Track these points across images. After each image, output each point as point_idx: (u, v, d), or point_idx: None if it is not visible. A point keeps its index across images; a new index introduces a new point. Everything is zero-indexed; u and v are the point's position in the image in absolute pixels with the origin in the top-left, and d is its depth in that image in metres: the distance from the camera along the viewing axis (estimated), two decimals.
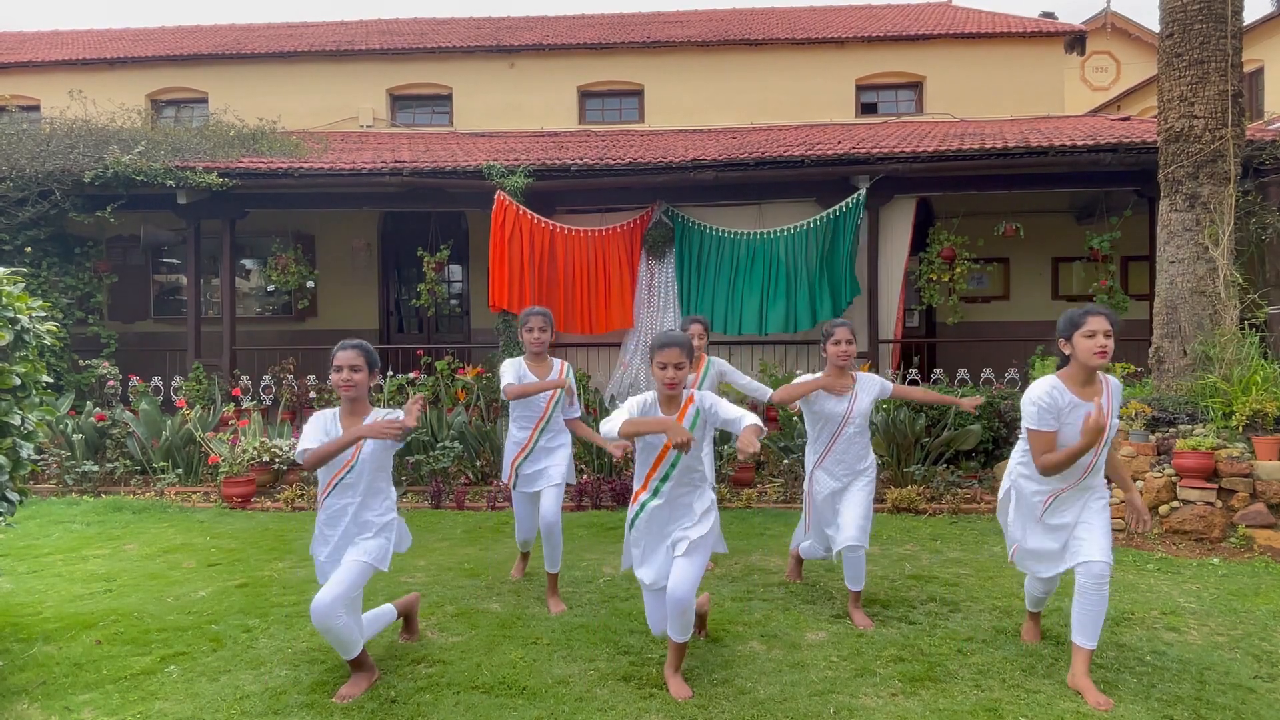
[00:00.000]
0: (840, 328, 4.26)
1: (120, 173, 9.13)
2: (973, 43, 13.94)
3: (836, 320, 4.38)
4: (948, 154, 8.96)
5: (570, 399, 4.69)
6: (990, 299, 11.59)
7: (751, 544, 5.77)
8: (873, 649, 3.79)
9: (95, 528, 6.43)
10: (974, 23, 14.55)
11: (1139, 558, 5.43)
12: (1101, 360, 3.30)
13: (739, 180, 9.32)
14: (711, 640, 3.91)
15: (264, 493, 7.61)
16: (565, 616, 4.25)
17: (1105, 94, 17.86)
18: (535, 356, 4.59)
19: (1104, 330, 3.30)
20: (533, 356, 4.59)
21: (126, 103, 12.56)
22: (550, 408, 4.57)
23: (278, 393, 9.48)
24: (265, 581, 4.93)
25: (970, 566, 5.19)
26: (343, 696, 3.29)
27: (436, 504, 7.25)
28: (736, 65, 14.09)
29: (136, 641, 3.92)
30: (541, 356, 4.61)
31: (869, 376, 4.38)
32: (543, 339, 4.55)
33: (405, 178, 9.29)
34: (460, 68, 14.39)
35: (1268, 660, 3.69)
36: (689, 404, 3.40)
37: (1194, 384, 6.61)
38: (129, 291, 11.67)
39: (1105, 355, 3.30)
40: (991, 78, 13.76)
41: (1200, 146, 6.86)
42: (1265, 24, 14.07)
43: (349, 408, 3.49)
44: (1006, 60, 13.84)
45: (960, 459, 7.75)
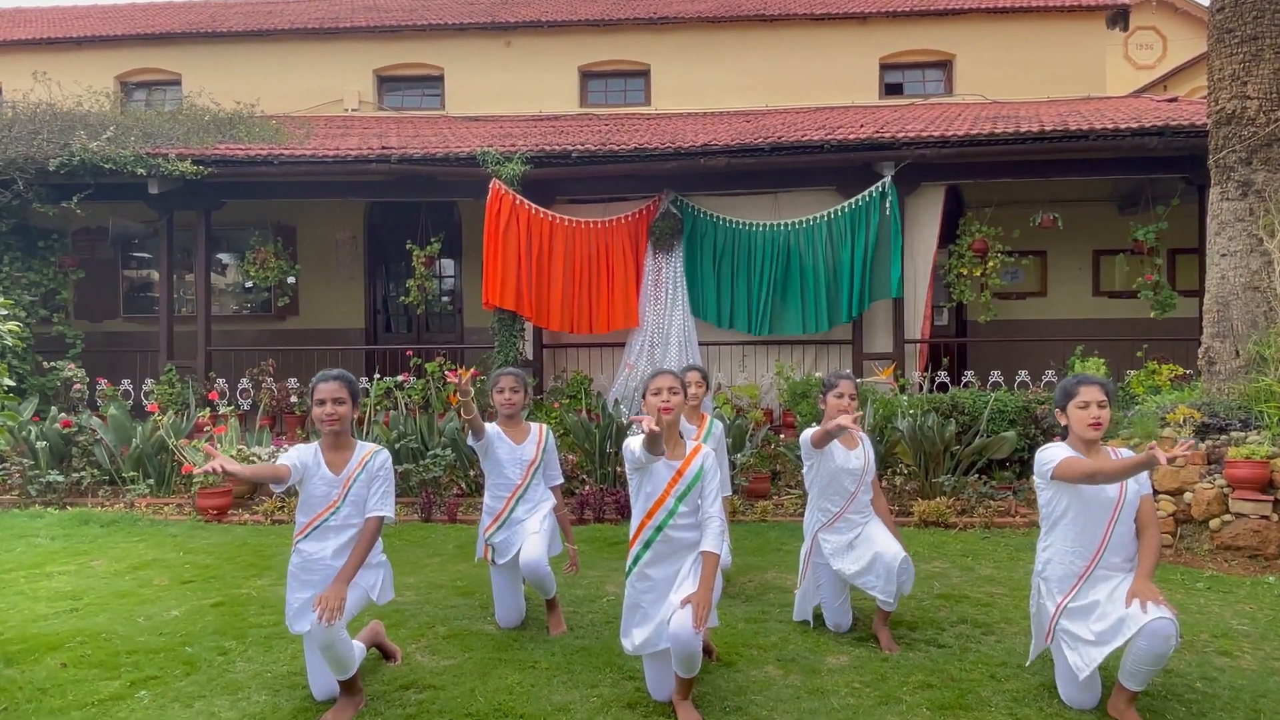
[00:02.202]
0: (843, 380, 4.31)
1: (87, 160, 9.18)
2: (1006, 18, 13.91)
3: (839, 371, 4.46)
4: (979, 138, 8.95)
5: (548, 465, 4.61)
6: (1026, 295, 11.57)
7: (766, 560, 5.77)
8: (898, 674, 3.78)
9: (60, 542, 6.45)
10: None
11: (1188, 576, 5.40)
12: (1095, 433, 3.39)
13: (753, 167, 9.32)
14: (724, 664, 3.91)
15: (241, 505, 7.63)
16: (565, 638, 4.25)
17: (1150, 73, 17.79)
18: (508, 420, 4.54)
19: (1097, 400, 3.41)
20: (505, 420, 4.54)
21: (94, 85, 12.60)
22: (529, 475, 4.49)
23: (256, 397, 9.51)
24: (242, 600, 4.94)
25: (1004, 585, 5.18)
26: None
27: (427, 517, 7.26)
28: (750, 43, 14.09)
29: (105, 664, 3.93)
30: (515, 420, 4.55)
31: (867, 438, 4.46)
32: (515, 400, 4.49)
33: (393, 165, 9.31)
34: (453, 47, 14.42)
35: None
36: (694, 455, 3.51)
37: (1247, 387, 6.57)
38: (97, 288, 11.73)
39: (1099, 427, 3.39)
40: (1027, 56, 13.72)
41: (1254, 129, 6.83)
42: None
43: (332, 441, 3.52)
44: (1043, 37, 13.81)
45: (993, 468, 7.72)
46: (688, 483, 3.46)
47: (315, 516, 3.45)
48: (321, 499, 3.45)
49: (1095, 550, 3.38)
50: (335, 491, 3.45)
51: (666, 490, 3.45)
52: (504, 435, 4.48)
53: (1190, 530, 6.03)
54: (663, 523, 3.44)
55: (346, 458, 3.51)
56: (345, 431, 3.53)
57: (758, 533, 6.58)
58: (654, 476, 3.47)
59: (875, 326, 9.45)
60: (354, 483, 3.46)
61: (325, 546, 3.43)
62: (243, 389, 9.66)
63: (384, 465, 3.55)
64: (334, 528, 3.44)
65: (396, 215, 11.94)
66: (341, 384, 3.48)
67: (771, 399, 9.46)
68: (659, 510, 3.45)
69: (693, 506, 3.47)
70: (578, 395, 9.11)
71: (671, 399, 3.49)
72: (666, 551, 3.46)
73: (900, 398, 8.09)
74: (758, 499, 7.44)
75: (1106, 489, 3.36)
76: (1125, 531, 3.40)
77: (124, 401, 9.15)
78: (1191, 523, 6.03)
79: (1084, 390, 3.43)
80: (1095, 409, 3.39)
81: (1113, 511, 3.36)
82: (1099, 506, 3.38)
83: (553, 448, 4.68)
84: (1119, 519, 3.37)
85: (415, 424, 8.23)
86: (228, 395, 9.42)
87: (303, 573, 3.46)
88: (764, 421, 8.67)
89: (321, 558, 3.42)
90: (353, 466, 3.49)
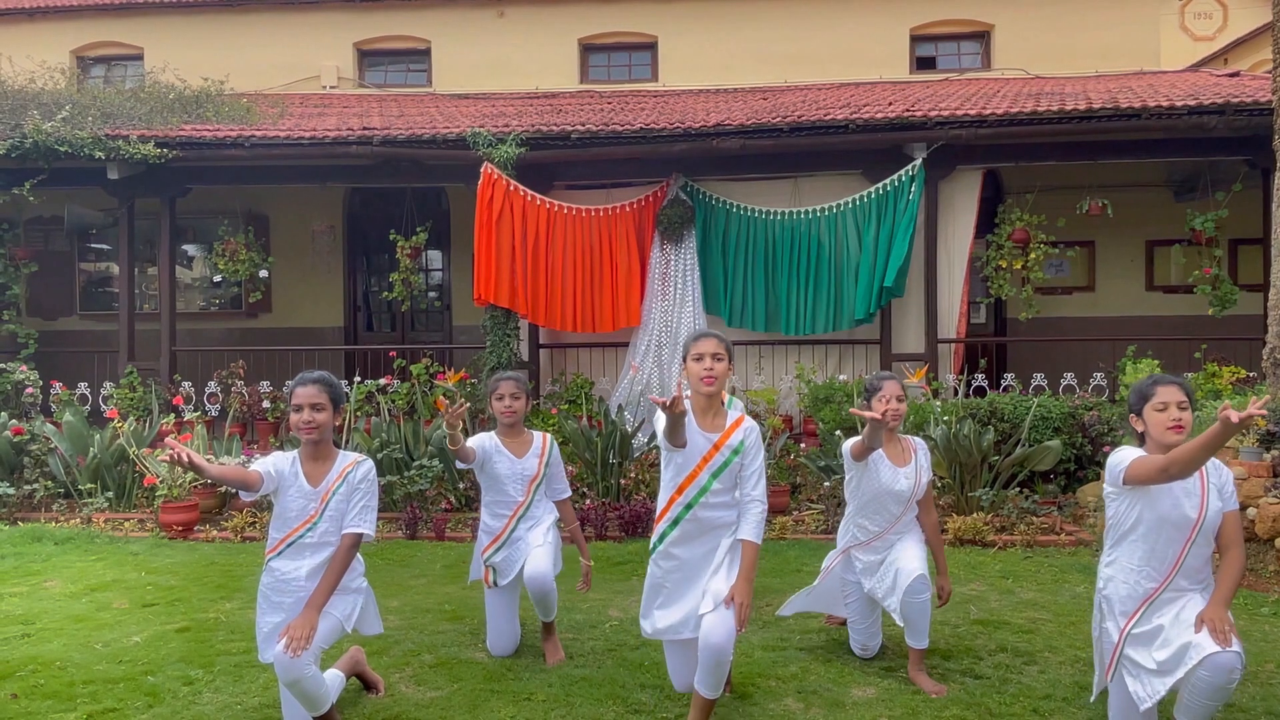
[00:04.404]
0: (888, 382, 4.22)
1: (41, 143, 9.21)
2: None
3: (883, 374, 4.36)
4: (1020, 117, 8.93)
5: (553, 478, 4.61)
6: (1071, 290, 11.54)
7: (786, 582, 5.75)
8: (931, 709, 3.77)
9: (11, 560, 6.46)
10: None
11: (1252, 600, 5.38)
12: (1177, 436, 3.31)
13: (771, 150, 9.32)
14: (739, 697, 3.91)
15: (209, 520, 7.64)
16: (564, 668, 4.25)
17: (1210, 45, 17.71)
18: (508, 429, 4.52)
19: (1177, 401, 3.33)
20: (505, 430, 4.52)
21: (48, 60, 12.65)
22: (531, 492, 4.48)
23: (225, 402, 9.54)
24: (210, 625, 4.95)
25: (1048, 610, 5.16)
26: None
27: (412, 534, 7.26)
28: (767, 13, 14.05)
29: (59, 695, 3.94)
30: (516, 429, 4.52)
31: (924, 448, 4.36)
32: (515, 408, 4.45)
33: (375, 148, 9.33)
34: (440, 17, 14.43)
35: None
36: (736, 427, 3.51)
37: None
38: (51, 283, 11.77)
39: (1181, 431, 3.32)
40: (1073, 26, 13.68)
41: None
42: None
43: (311, 451, 3.52)
44: (1091, 5, 13.76)
45: (1036, 481, 7.70)
46: (725, 457, 3.45)
47: (290, 532, 3.44)
48: (297, 513, 3.45)
49: (1166, 573, 3.32)
50: (312, 505, 3.44)
51: (701, 464, 3.43)
52: (503, 448, 4.44)
53: (1255, 550, 6.00)
54: (694, 500, 3.43)
55: (326, 469, 3.50)
56: (325, 441, 3.52)
57: (775, 551, 6.57)
58: (688, 447, 3.45)
59: (905, 325, 9.43)
60: (333, 496, 3.45)
61: (300, 565, 3.42)
62: (210, 393, 9.69)
63: (366, 477, 3.53)
64: (310, 545, 3.43)
65: (379, 203, 11.97)
66: (321, 388, 3.46)
67: (791, 404, 9.45)
68: (690, 486, 3.43)
69: (728, 484, 3.46)
70: (578, 400, 9.11)
71: (715, 366, 3.45)
72: (696, 531, 3.47)
73: (933, 403, 8.08)
74: (776, 514, 7.43)
75: (1185, 507, 3.29)
76: (1202, 554, 3.34)
77: (81, 407, 9.18)
78: (1256, 541, 6.01)
79: (1162, 390, 3.36)
80: (1175, 410, 3.31)
81: (1190, 532, 3.30)
82: (1173, 526, 3.31)
83: (557, 460, 4.66)
84: (1196, 540, 3.31)
85: (400, 432, 8.24)
86: (194, 400, 9.45)
87: (274, 594, 3.46)
88: (783, 429, 8.66)
89: (295, 578, 3.41)
90: (332, 479, 3.48)
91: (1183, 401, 3.35)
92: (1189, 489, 3.32)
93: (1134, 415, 3.48)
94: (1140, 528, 3.36)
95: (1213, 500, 3.33)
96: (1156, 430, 3.36)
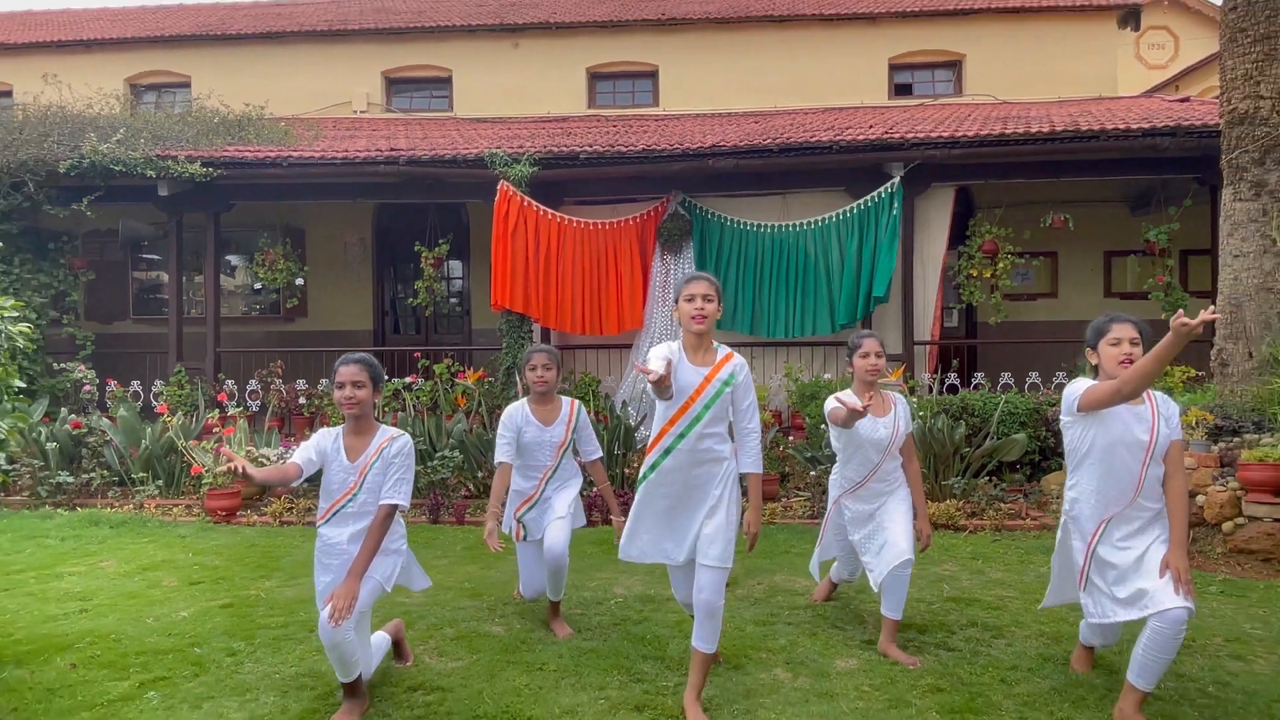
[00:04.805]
0: (868, 339, 4.22)
1: (97, 163, 9.23)
2: (1017, 18, 13.87)
3: (864, 331, 4.34)
4: (989, 139, 8.93)
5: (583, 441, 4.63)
6: (1036, 296, 11.53)
7: (775, 563, 5.75)
8: (908, 678, 3.76)
9: (70, 543, 6.48)
10: None
11: (1200, 580, 5.37)
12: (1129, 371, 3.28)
13: (762, 169, 9.32)
14: (732, 668, 3.90)
15: (250, 506, 7.65)
16: (573, 641, 4.25)
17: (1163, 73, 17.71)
18: (540, 398, 4.54)
19: (1129, 337, 3.33)
20: (537, 398, 4.54)
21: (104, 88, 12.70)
22: (559, 457, 4.52)
23: (265, 398, 9.55)
24: (251, 601, 4.96)
25: (1015, 588, 5.15)
26: None
27: (435, 519, 7.27)
28: (759, 44, 14.08)
29: (114, 665, 3.95)
30: (548, 397, 4.55)
31: (903, 402, 4.33)
32: (547, 378, 4.47)
33: (401, 167, 9.34)
34: (461, 48, 14.46)
35: None
36: (726, 360, 3.43)
37: (1261, 389, 6.54)
38: (107, 290, 11.80)
39: (1131, 364, 3.28)
40: (1037, 56, 13.68)
41: (1267, 130, 6.80)
42: None
43: (353, 426, 3.52)
44: (1054, 37, 13.77)
45: (1004, 471, 7.70)
46: (716, 389, 3.36)
47: (333, 503, 3.46)
48: (339, 486, 3.46)
49: (1127, 493, 3.32)
50: (351, 479, 3.45)
51: (694, 396, 3.34)
52: (531, 418, 4.48)
53: (1203, 534, 5.99)
54: (686, 430, 3.34)
55: (366, 442, 3.48)
56: (366, 416, 3.51)
57: (767, 535, 6.57)
58: (680, 380, 3.36)
59: (885, 328, 9.42)
60: (370, 470, 3.44)
61: (343, 532, 3.44)
62: (251, 390, 9.70)
63: (401, 451, 3.49)
64: (351, 514, 3.44)
65: (405, 217, 11.98)
66: (362, 367, 3.46)
67: (780, 400, 9.44)
68: (683, 416, 3.33)
69: (720, 414, 3.38)
70: (586, 396, 9.09)
71: (705, 306, 3.38)
72: (687, 463, 3.38)
73: (910, 399, 8.07)
74: (766, 501, 7.42)
75: (1136, 430, 3.27)
76: (1158, 475, 3.33)
77: (133, 403, 9.19)
78: (1204, 526, 6.00)
79: (1116, 328, 3.34)
80: (1128, 345, 3.29)
81: (1144, 455, 3.28)
82: (1126, 448, 3.29)
83: (586, 424, 4.65)
84: (1150, 463, 3.29)
85: (423, 426, 8.24)
86: (236, 396, 9.46)
87: (324, 557, 3.49)
88: (772, 423, 8.65)
89: (339, 543, 3.43)
90: (369, 454, 3.46)
91: (1135, 338, 3.33)
92: (1140, 414, 3.32)
93: (1090, 349, 3.46)
94: (1095, 451, 3.36)
95: (1162, 428, 3.32)
96: (1109, 364, 3.34)
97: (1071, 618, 4.04)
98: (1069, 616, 4.29)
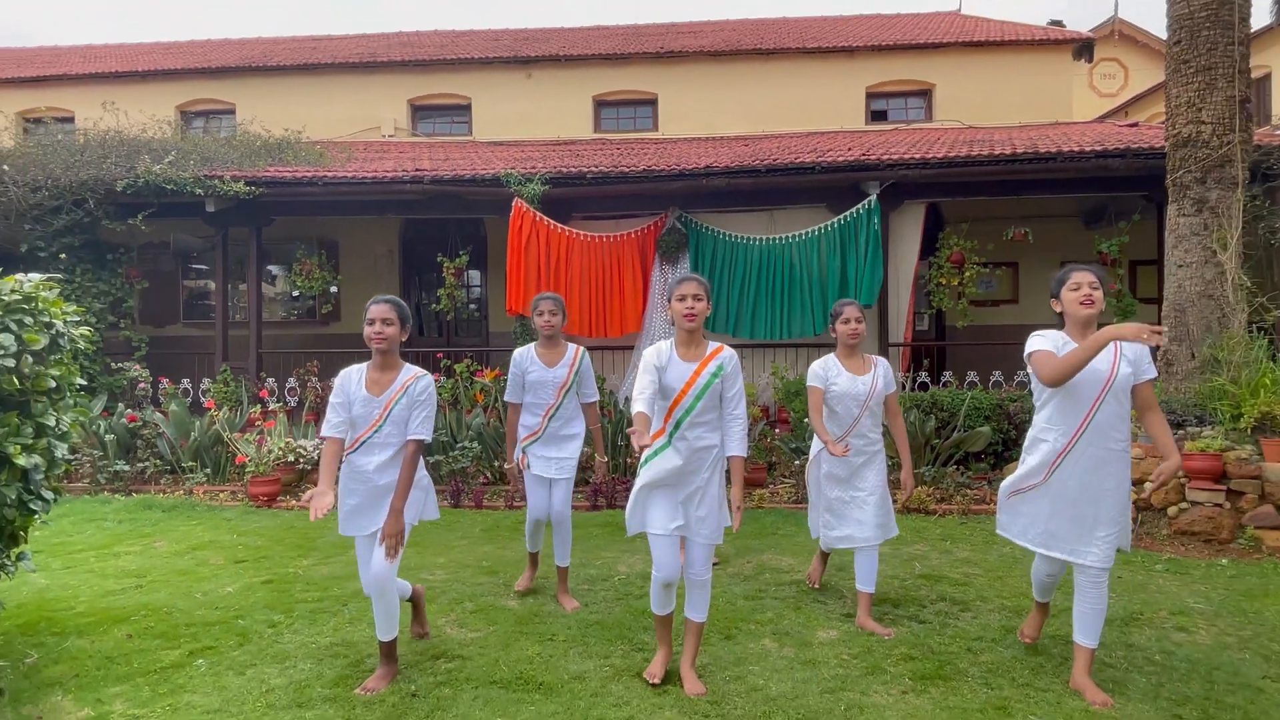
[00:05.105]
0: (848, 306, 4.18)
1: (151, 182, 9.23)
2: (982, 51, 13.86)
3: (844, 300, 4.29)
4: (957, 160, 8.91)
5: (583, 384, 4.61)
6: (999, 303, 11.52)
7: (764, 543, 5.76)
8: (883, 647, 3.76)
9: (126, 525, 6.49)
10: (983, 31, 14.46)
11: (1148, 559, 5.37)
12: (1087, 310, 3.25)
13: (751, 187, 9.30)
14: (724, 637, 3.90)
15: (289, 491, 7.66)
16: (581, 614, 4.25)
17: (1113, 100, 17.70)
18: (547, 341, 4.54)
19: (1089, 282, 3.29)
20: (544, 341, 4.54)
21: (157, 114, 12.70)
22: (561, 396, 4.50)
23: (302, 394, 9.54)
24: (290, 578, 4.97)
25: (980, 566, 5.15)
26: (367, 689, 3.30)
27: (456, 503, 7.27)
28: (748, 74, 14.08)
29: (166, 636, 3.96)
30: (554, 341, 4.54)
31: (884, 363, 4.27)
32: (553, 322, 4.49)
33: (426, 186, 9.33)
34: (479, 78, 14.46)
35: (1277, 660, 3.64)
36: (716, 354, 3.38)
37: (1202, 386, 6.53)
38: (159, 296, 11.80)
39: (1090, 304, 3.25)
40: (1000, 85, 13.67)
41: (1208, 151, 6.79)
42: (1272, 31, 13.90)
43: (379, 361, 3.49)
44: (1015, 68, 13.75)
45: (969, 461, 7.69)
46: (706, 380, 3.32)
47: (360, 435, 3.44)
48: (364, 419, 3.44)
49: (1076, 428, 3.22)
50: (376, 412, 3.43)
51: (685, 388, 3.31)
52: (537, 360, 4.49)
53: (1150, 517, 5.99)
54: (681, 419, 3.31)
55: (391, 378, 3.46)
56: (392, 352, 3.48)
57: (755, 518, 6.57)
58: (672, 374, 3.33)
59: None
60: (395, 405, 3.42)
61: (369, 461, 3.43)
62: (290, 387, 9.70)
63: (425, 391, 3.46)
64: (377, 444, 3.43)
65: (429, 231, 11.97)
66: (391, 307, 3.45)
67: (768, 397, 9.43)
68: (677, 408, 3.31)
69: (711, 404, 3.34)
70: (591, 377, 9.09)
71: (695, 305, 3.36)
72: (682, 450, 3.33)
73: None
74: (756, 488, 7.42)
75: (1098, 366, 3.19)
76: (1113, 413, 3.21)
77: (183, 399, 9.19)
78: (1151, 510, 6.00)
79: (1076, 275, 3.32)
80: (1087, 289, 3.26)
81: (1100, 390, 3.19)
82: (1086, 384, 3.21)
83: (588, 368, 4.63)
84: (1105, 399, 3.19)
85: (445, 419, 8.24)
86: (277, 393, 9.46)
87: (351, 482, 3.47)
88: (761, 417, 8.65)
89: (365, 470, 3.42)
90: (394, 390, 3.44)
91: (1094, 282, 3.29)
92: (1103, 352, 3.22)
93: (1054, 299, 3.40)
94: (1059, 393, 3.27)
95: (1123, 366, 3.23)
96: (1070, 306, 3.30)
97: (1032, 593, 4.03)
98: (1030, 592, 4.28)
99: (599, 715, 3.10)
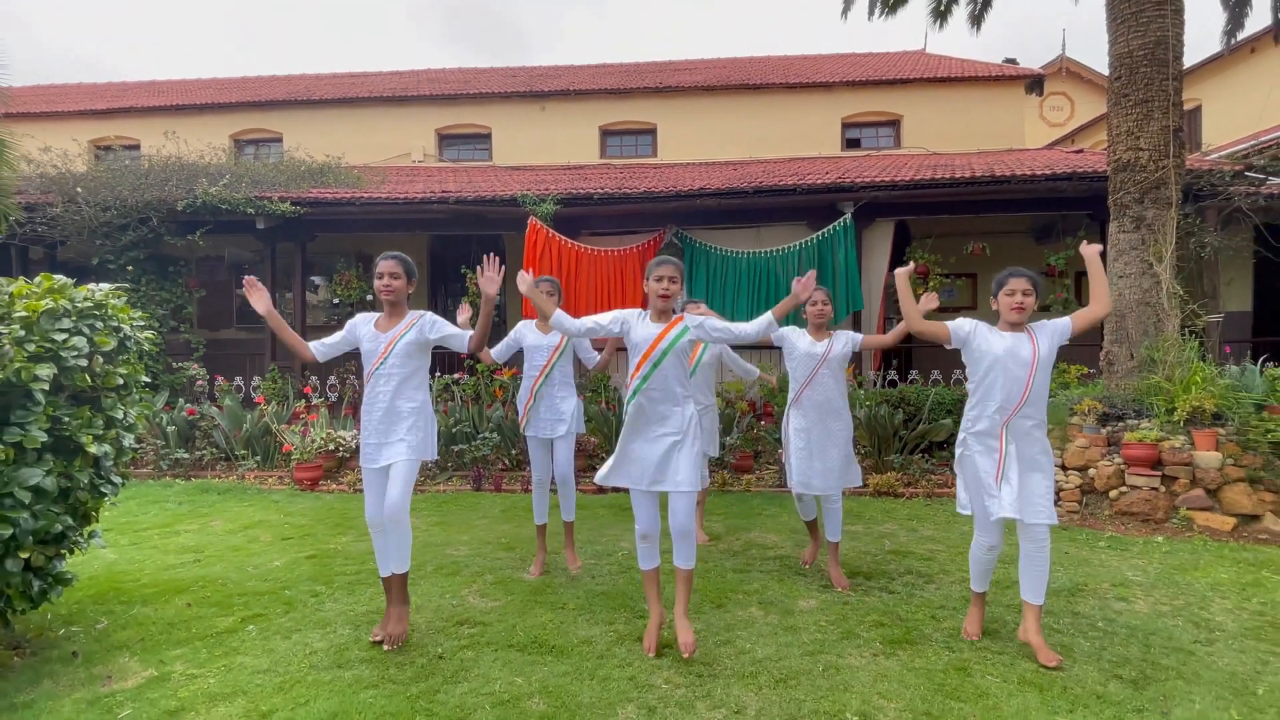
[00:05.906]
0: (817, 291, 4.19)
1: (208, 202, 9.25)
2: (944, 85, 13.85)
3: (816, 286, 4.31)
4: (922, 182, 8.91)
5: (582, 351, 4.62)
6: (960, 309, 11.49)
7: (751, 523, 5.76)
8: (857, 615, 3.76)
9: (186, 506, 6.50)
10: (945, 68, 14.46)
11: (1091, 536, 5.37)
12: (1017, 316, 3.32)
13: (739, 206, 9.30)
14: (715, 606, 3.91)
15: (330, 477, 7.67)
16: (588, 584, 4.25)
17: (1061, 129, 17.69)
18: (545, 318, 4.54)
19: (1022, 289, 3.32)
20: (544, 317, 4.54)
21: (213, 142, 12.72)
22: (554, 357, 4.47)
23: (342, 391, 9.55)
24: (331, 554, 4.97)
25: (943, 543, 5.15)
26: (392, 640, 3.33)
27: (477, 487, 7.27)
28: (737, 106, 14.08)
29: (220, 604, 3.97)
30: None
31: (843, 331, 4.30)
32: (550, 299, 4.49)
33: (451, 205, 9.34)
34: (498, 110, 14.47)
35: (1205, 626, 3.64)
36: (679, 320, 3.39)
37: (1140, 384, 6.53)
38: (215, 304, 11.80)
39: (1020, 311, 3.31)
40: (961, 116, 13.66)
41: (1145, 175, 6.78)
42: (1203, 67, 13.89)
43: (388, 311, 3.55)
44: (974, 100, 13.75)
45: (934, 449, 7.68)
46: (673, 338, 3.30)
47: (371, 367, 3.49)
48: (372, 354, 3.50)
49: (1015, 403, 3.26)
50: (382, 346, 3.47)
51: (654, 344, 3.29)
52: (533, 327, 4.51)
53: (1093, 500, 5.98)
54: (649, 372, 3.28)
55: (398, 321, 3.52)
56: (400, 303, 3.54)
57: (743, 500, 6.58)
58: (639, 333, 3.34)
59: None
60: (400, 339, 3.46)
61: (380, 390, 3.47)
62: (331, 385, 9.69)
63: (435, 321, 3.52)
64: (384, 375, 3.46)
65: (453, 246, 11.97)
66: (398, 262, 3.50)
67: (754, 393, 9.41)
68: (645, 362, 3.29)
69: (679, 360, 3.30)
70: (598, 389, 9.10)
71: (670, 287, 3.36)
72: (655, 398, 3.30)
73: (859, 391, 8.06)
74: (743, 474, 7.43)
75: (1021, 350, 3.25)
76: (1044, 383, 3.27)
77: (236, 395, 9.20)
78: (1095, 493, 5.99)
79: (1012, 281, 3.34)
80: (1020, 296, 3.30)
81: (1029, 369, 3.25)
82: (1016, 364, 3.26)
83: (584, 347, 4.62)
84: (1036, 375, 3.24)
85: (469, 413, 8.25)
86: (319, 390, 9.46)
87: (368, 405, 3.50)
88: (748, 411, 8.65)
89: (377, 397, 3.46)
90: (401, 327, 3.49)
91: (1027, 289, 3.31)
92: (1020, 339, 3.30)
93: (994, 298, 3.45)
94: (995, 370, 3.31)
95: (1043, 344, 3.28)
96: (1004, 310, 3.37)
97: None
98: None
99: (605, 674, 3.10)
